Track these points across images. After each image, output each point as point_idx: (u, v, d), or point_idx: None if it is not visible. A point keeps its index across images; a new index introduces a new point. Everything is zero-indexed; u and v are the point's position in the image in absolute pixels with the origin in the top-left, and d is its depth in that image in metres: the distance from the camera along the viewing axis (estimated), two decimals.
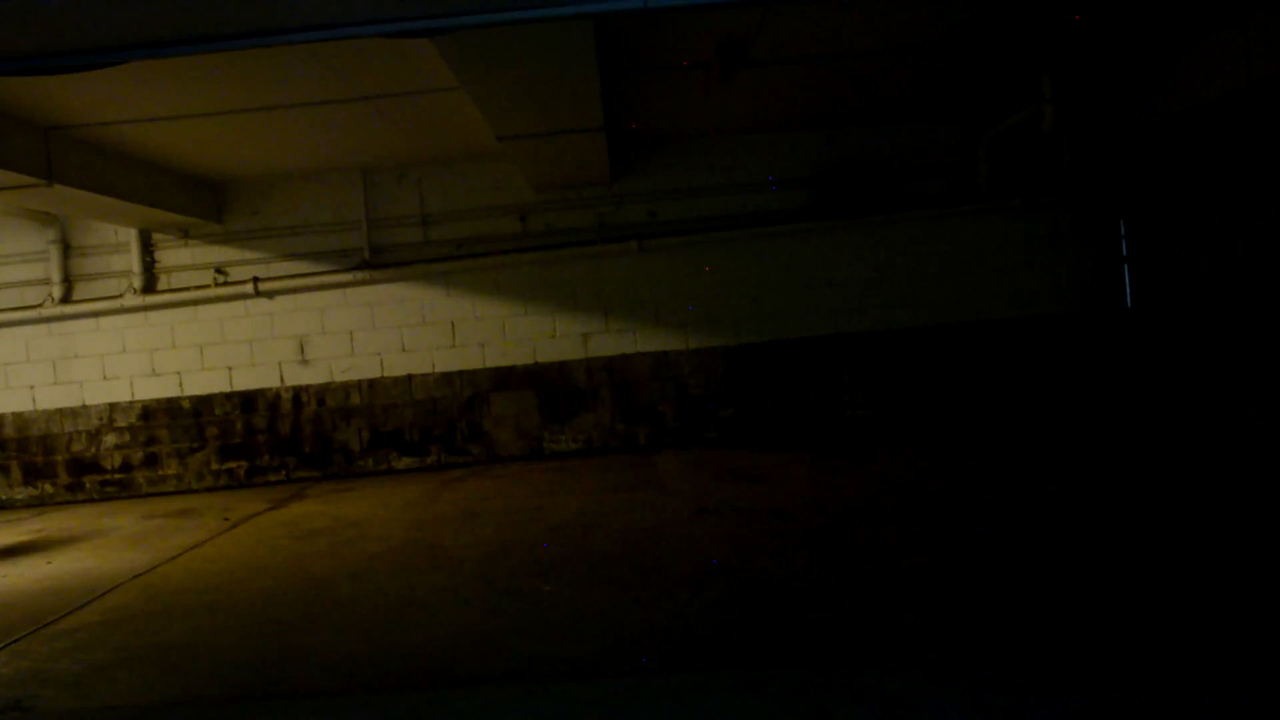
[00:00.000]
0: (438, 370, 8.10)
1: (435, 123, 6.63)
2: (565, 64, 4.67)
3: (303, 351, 8.10)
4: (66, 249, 8.03)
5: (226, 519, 6.45)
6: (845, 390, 8.10)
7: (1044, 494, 5.23)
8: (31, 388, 8.10)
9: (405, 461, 8.13)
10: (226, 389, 8.10)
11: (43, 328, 8.03)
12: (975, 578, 3.74)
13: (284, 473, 8.12)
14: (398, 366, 8.10)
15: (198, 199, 7.74)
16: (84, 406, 8.07)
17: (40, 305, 7.98)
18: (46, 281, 8.02)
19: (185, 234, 8.08)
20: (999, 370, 8.03)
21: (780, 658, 3.06)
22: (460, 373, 8.10)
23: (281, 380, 8.11)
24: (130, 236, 7.95)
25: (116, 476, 8.10)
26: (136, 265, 7.96)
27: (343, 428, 8.11)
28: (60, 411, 8.07)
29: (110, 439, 8.09)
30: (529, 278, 8.06)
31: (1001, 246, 8.04)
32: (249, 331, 8.08)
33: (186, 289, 8.05)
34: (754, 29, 5.24)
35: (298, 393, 8.10)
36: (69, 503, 8.01)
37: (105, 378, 8.07)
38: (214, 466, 8.11)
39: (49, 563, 5.44)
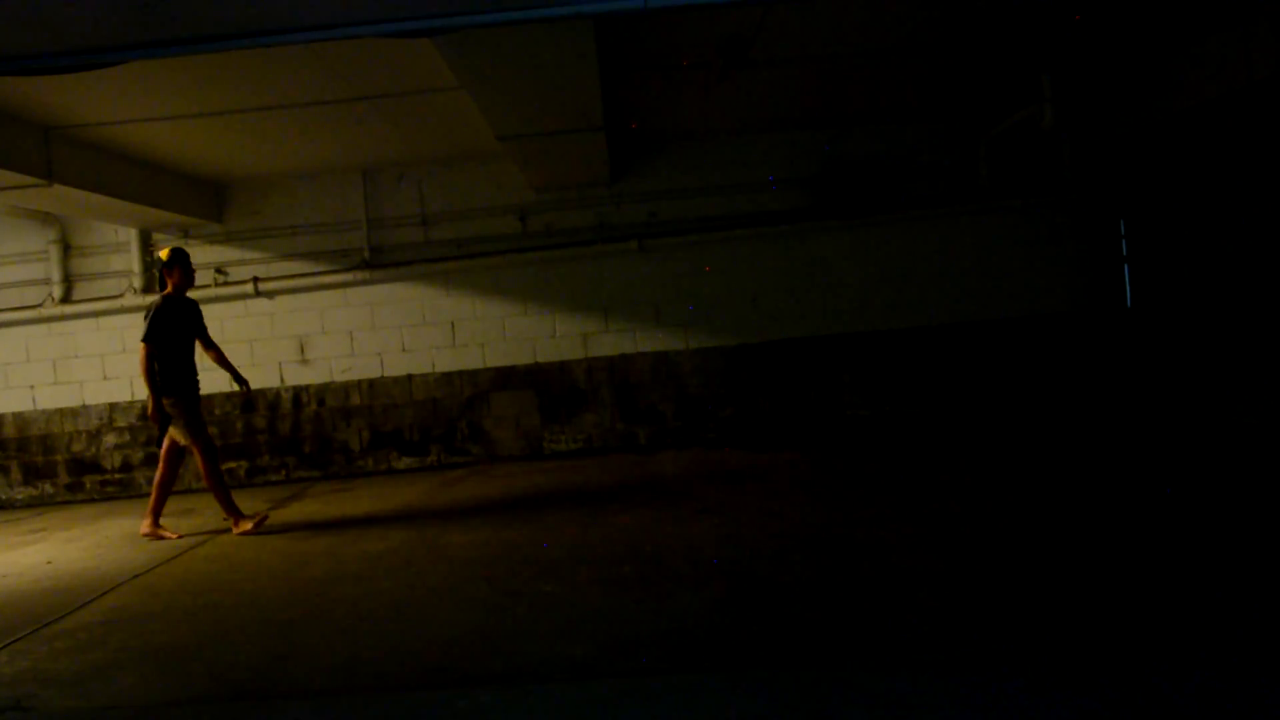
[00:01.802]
0: (438, 370, 8.10)
1: (435, 123, 6.63)
2: (565, 64, 4.67)
3: (303, 351, 8.10)
4: (66, 249, 8.03)
5: (227, 519, 6.44)
6: (845, 390, 8.10)
7: (1044, 494, 5.23)
8: (31, 388, 8.10)
9: (405, 461, 8.13)
10: (226, 389, 8.06)
11: (43, 328, 8.03)
12: (975, 578, 3.74)
13: (284, 473, 8.12)
14: (398, 366, 8.10)
15: (198, 199, 7.74)
16: (84, 406, 8.07)
17: (40, 305, 7.98)
18: (46, 281, 8.03)
19: (185, 234, 8.09)
20: (999, 370, 8.02)
21: (780, 658, 3.06)
22: (460, 373, 8.09)
23: (281, 380, 8.11)
24: (130, 236, 7.95)
25: (117, 476, 8.10)
26: (136, 265, 7.96)
27: (343, 428, 8.11)
28: (60, 411, 8.08)
29: (110, 439, 8.09)
30: (529, 278, 8.06)
31: (1001, 246, 8.04)
32: (249, 331, 8.08)
33: None
34: (754, 29, 5.24)
35: (298, 393, 8.10)
36: (69, 502, 8.01)
37: (105, 377, 8.07)
38: None
39: (49, 562, 5.43)
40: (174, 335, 5.70)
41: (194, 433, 5.74)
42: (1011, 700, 2.60)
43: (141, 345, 5.57)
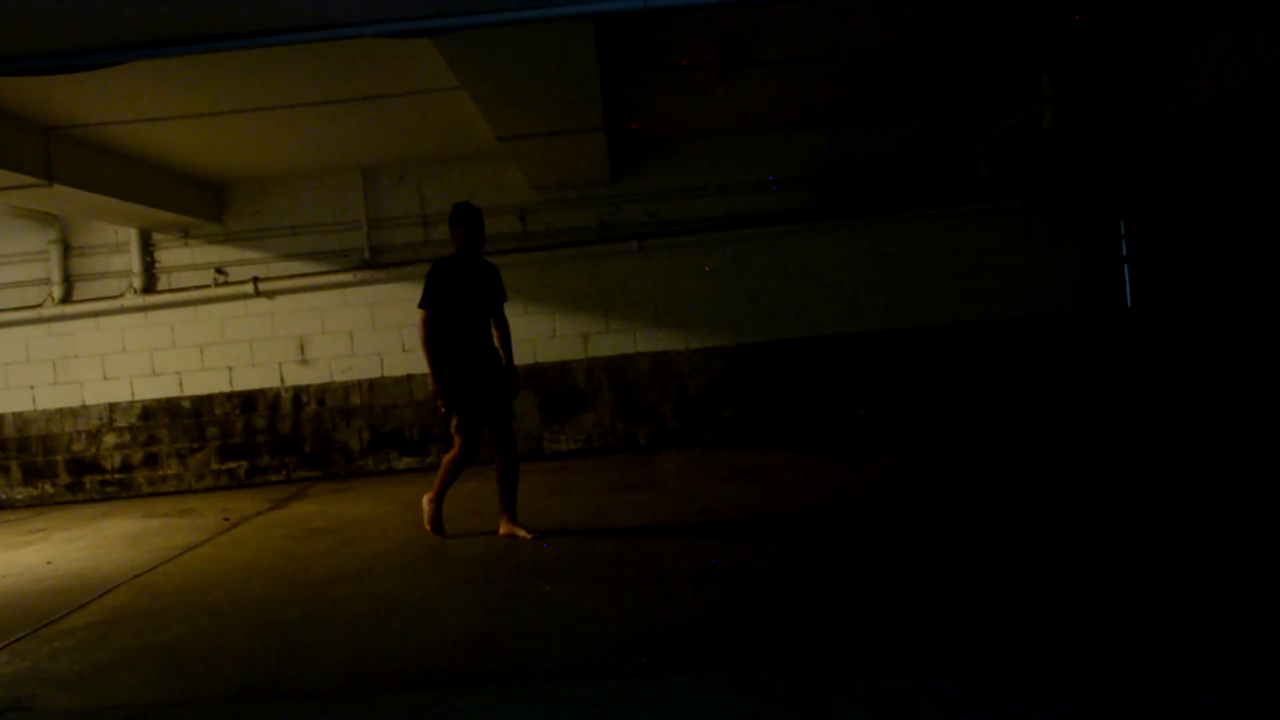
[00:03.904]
0: None
1: (435, 123, 6.63)
2: (565, 64, 4.67)
3: (303, 351, 8.10)
4: (66, 249, 8.03)
5: (226, 519, 6.45)
6: (845, 390, 8.09)
7: (1044, 494, 5.23)
8: (31, 388, 8.10)
9: (405, 461, 8.13)
10: (226, 389, 8.10)
11: (43, 328, 8.03)
12: (975, 578, 3.74)
13: (284, 473, 8.11)
14: (398, 366, 8.10)
15: (198, 199, 7.74)
16: (84, 406, 8.07)
17: (40, 305, 7.98)
18: (46, 281, 8.02)
19: (185, 234, 8.09)
20: (999, 370, 8.02)
21: (780, 658, 3.06)
22: None
23: (281, 380, 8.11)
24: (130, 236, 7.95)
25: (116, 476, 8.10)
26: (136, 265, 7.96)
27: (343, 428, 8.11)
28: (60, 411, 8.07)
29: (110, 439, 8.09)
30: (529, 278, 8.05)
31: (1001, 246, 8.04)
32: (249, 331, 8.08)
33: (186, 289, 8.05)
34: (754, 29, 5.24)
35: (298, 393, 8.10)
36: (69, 502, 8.01)
37: (105, 378, 8.07)
38: (214, 466, 8.11)
39: (49, 563, 5.43)
40: (455, 302, 4.92)
41: (460, 420, 4.93)
42: (1012, 700, 2.60)
43: (419, 311, 4.98)
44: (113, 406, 8.08)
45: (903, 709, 2.58)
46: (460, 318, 4.97)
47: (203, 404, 8.10)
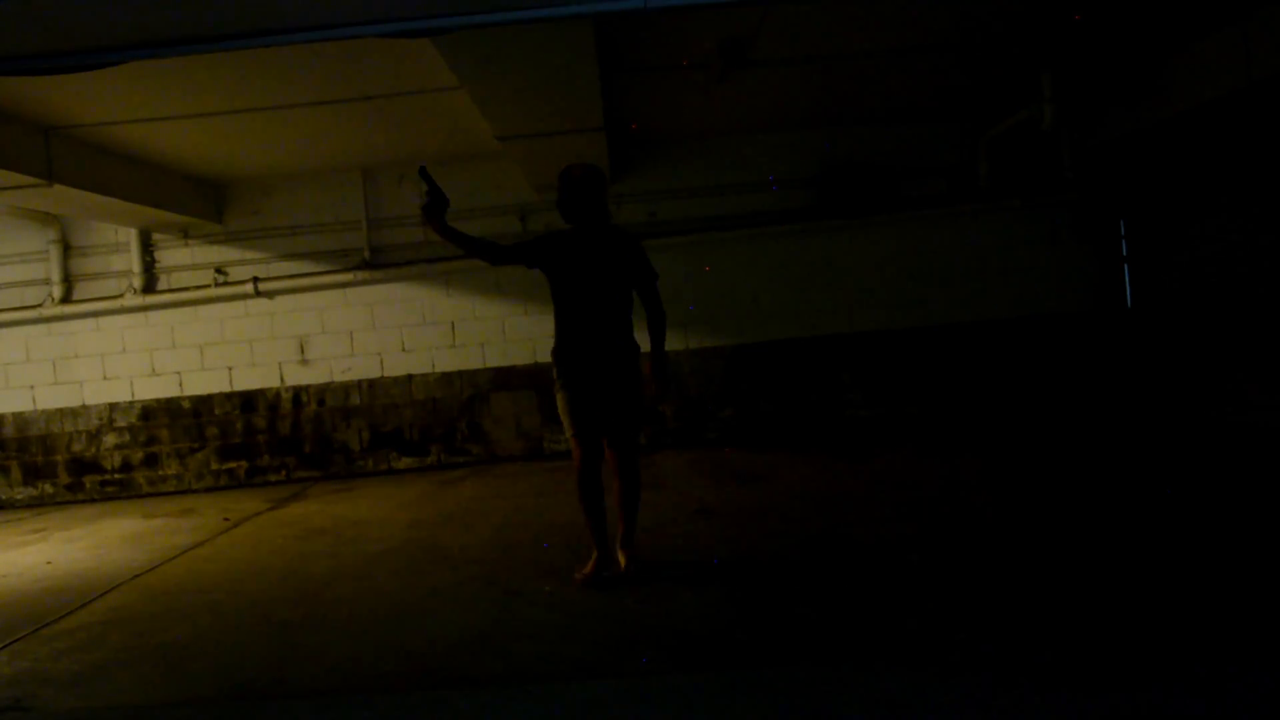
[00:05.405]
0: (438, 370, 8.09)
1: (435, 123, 6.63)
2: (565, 64, 4.67)
3: (303, 351, 8.09)
4: (66, 249, 8.03)
5: (226, 519, 6.45)
6: (845, 390, 8.09)
7: (1043, 493, 5.23)
8: (31, 388, 8.10)
9: (405, 461, 8.13)
10: (226, 389, 8.10)
11: (43, 328, 8.02)
12: (975, 578, 3.74)
13: (284, 473, 8.11)
14: (398, 366, 8.10)
15: (198, 199, 7.74)
16: (84, 406, 8.07)
17: (40, 305, 7.98)
18: (46, 281, 8.02)
19: (185, 234, 8.08)
20: (999, 370, 8.02)
21: (780, 658, 3.06)
22: (460, 373, 8.09)
23: (281, 380, 8.10)
24: (130, 236, 7.95)
25: (116, 476, 8.10)
26: (136, 265, 7.96)
27: (343, 428, 8.11)
28: (60, 411, 8.07)
29: (110, 439, 8.08)
30: (529, 277, 7.98)
31: (1001, 246, 8.03)
32: (249, 331, 8.08)
33: (186, 289, 8.04)
34: (754, 29, 5.24)
35: (298, 393, 8.10)
36: (69, 503, 8.00)
37: (105, 378, 8.07)
38: (214, 466, 8.11)
39: (49, 563, 5.43)
40: (560, 282, 4.18)
41: (566, 420, 4.15)
42: (1011, 700, 2.60)
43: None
44: (113, 406, 8.08)
45: (903, 709, 2.58)
46: (572, 298, 4.15)
47: (203, 404, 8.10)
